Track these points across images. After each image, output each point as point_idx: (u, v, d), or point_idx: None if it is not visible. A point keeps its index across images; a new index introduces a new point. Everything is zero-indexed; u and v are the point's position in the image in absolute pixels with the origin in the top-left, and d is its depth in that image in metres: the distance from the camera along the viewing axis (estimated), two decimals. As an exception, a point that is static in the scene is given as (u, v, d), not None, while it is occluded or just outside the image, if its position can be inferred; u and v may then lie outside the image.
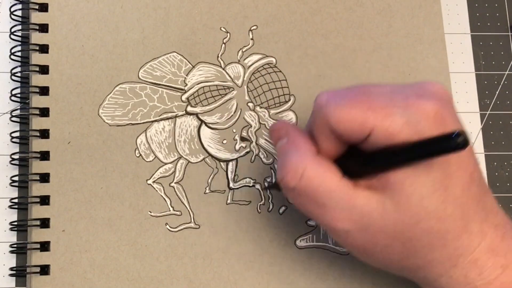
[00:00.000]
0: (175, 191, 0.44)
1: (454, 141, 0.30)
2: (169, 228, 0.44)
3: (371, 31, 0.47)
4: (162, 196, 0.44)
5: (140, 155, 0.44)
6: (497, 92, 0.48)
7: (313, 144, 0.36)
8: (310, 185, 0.35)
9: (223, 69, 0.46)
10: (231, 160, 0.45)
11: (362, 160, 0.35)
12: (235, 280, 0.43)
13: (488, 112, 0.48)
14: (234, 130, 0.45)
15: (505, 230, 0.35)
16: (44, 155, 0.44)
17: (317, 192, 0.35)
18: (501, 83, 0.49)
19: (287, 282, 0.43)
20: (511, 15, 0.50)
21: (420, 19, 0.48)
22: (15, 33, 0.46)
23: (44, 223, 0.43)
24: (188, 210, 0.44)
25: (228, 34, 0.47)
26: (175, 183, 0.44)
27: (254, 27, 0.47)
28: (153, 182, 0.44)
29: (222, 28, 0.47)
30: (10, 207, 0.44)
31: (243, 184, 0.45)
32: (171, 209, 0.44)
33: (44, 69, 0.45)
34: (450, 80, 0.47)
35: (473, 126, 0.48)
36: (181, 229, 0.44)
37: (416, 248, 0.35)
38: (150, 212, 0.44)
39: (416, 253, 0.35)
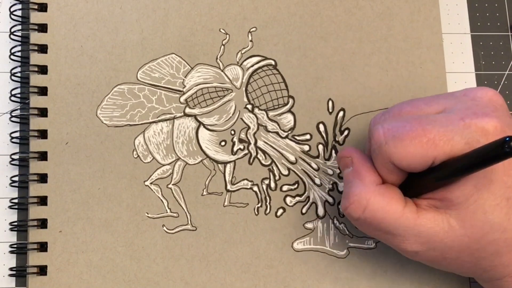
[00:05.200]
0: (172, 193, 0.44)
1: (507, 146, 0.30)
2: (166, 229, 0.44)
3: (370, 34, 0.47)
4: (159, 197, 0.44)
5: (138, 156, 0.44)
6: (497, 92, 0.48)
7: (376, 174, 0.37)
8: (375, 217, 0.36)
9: (222, 70, 0.46)
10: (229, 162, 0.45)
11: (427, 177, 0.36)
12: (231, 282, 0.43)
13: (488, 113, 0.48)
14: (233, 132, 0.45)
15: None
16: (43, 156, 0.44)
17: (382, 223, 0.36)
18: (501, 83, 0.48)
19: (284, 285, 0.43)
20: (511, 15, 0.50)
21: (419, 23, 0.47)
22: (15, 33, 0.46)
23: (43, 223, 0.43)
24: (185, 212, 0.44)
25: (227, 35, 0.47)
26: (172, 184, 0.44)
27: (254, 29, 0.47)
28: (151, 183, 0.44)
29: (221, 30, 0.47)
30: (10, 207, 0.44)
31: (241, 186, 0.45)
32: (168, 210, 0.44)
33: (43, 69, 0.45)
34: (447, 84, 0.47)
35: (473, 127, 0.48)
36: (178, 231, 0.44)
37: (484, 256, 0.36)
38: (147, 213, 0.44)
39: (483, 260, 0.36)
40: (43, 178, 0.44)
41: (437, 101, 0.37)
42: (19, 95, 0.45)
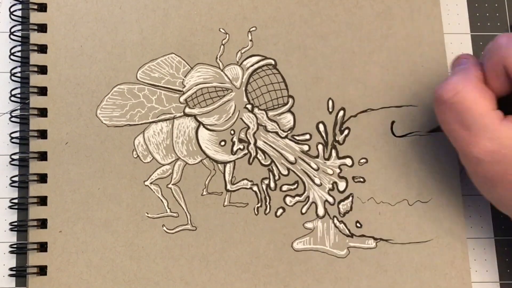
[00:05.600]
0: (172, 193, 0.44)
1: None
2: (166, 229, 0.44)
3: (370, 33, 0.47)
4: (159, 197, 0.44)
5: (138, 156, 0.44)
6: (497, 93, 0.48)
7: (482, 75, 0.37)
8: (463, 103, 0.36)
9: (222, 70, 0.46)
10: (229, 162, 0.45)
11: None
12: (231, 282, 0.43)
13: (488, 113, 0.48)
14: (232, 132, 0.45)
15: None
16: (43, 156, 0.44)
17: (467, 112, 0.36)
18: (502, 84, 0.48)
19: (283, 285, 0.43)
20: (511, 15, 0.50)
21: (420, 21, 0.47)
22: (15, 33, 0.46)
23: (43, 223, 0.43)
24: (185, 212, 0.44)
25: (227, 35, 0.47)
26: (172, 184, 0.44)
27: (253, 29, 0.47)
28: (151, 183, 0.44)
29: (221, 30, 0.47)
30: (10, 207, 0.44)
31: (241, 186, 0.44)
32: (168, 210, 0.44)
33: (42, 69, 0.45)
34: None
35: (474, 127, 0.48)
36: (178, 231, 0.44)
37: None
38: (147, 213, 0.44)
39: None
40: (43, 178, 0.44)
41: None
42: (19, 95, 0.45)
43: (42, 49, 0.45)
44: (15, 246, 0.43)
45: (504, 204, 0.38)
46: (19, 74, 0.45)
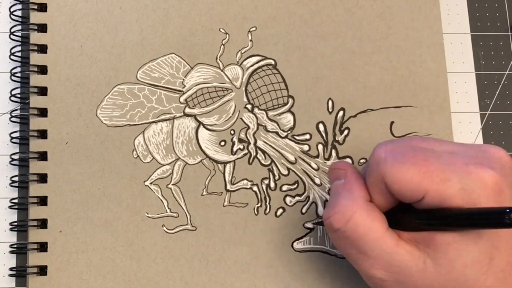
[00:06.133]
0: (172, 193, 0.44)
1: (507, 218, 0.29)
2: (166, 229, 0.44)
3: (370, 34, 0.47)
4: (159, 197, 0.44)
5: (138, 156, 0.44)
6: (497, 92, 0.48)
7: (366, 192, 0.36)
8: (356, 231, 0.35)
9: (222, 70, 0.46)
10: (229, 162, 0.45)
11: (413, 216, 0.35)
12: (231, 282, 0.43)
13: (488, 112, 0.48)
14: (232, 132, 0.45)
15: None
16: (43, 156, 0.44)
17: (361, 239, 0.35)
18: (501, 83, 0.48)
19: (283, 285, 0.43)
20: (511, 15, 0.50)
21: (419, 22, 0.47)
22: (15, 33, 0.46)
23: (43, 223, 0.43)
24: (185, 212, 0.44)
25: (227, 35, 0.47)
26: (172, 184, 0.44)
27: (253, 29, 0.47)
28: (151, 183, 0.44)
29: (221, 30, 0.47)
30: (10, 207, 0.44)
31: (241, 186, 0.44)
32: (168, 210, 0.44)
33: (42, 69, 0.45)
34: (448, 83, 0.47)
35: (473, 126, 0.48)
36: (178, 231, 0.44)
37: None
38: (147, 213, 0.44)
39: None
40: (43, 178, 0.44)
41: (449, 143, 0.36)
42: (19, 95, 0.45)
43: (42, 49, 0.45)
44: (15, 246, 0.43)
45: None
46: (19, 74, 0.45)
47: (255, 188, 0.45)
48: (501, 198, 0.32)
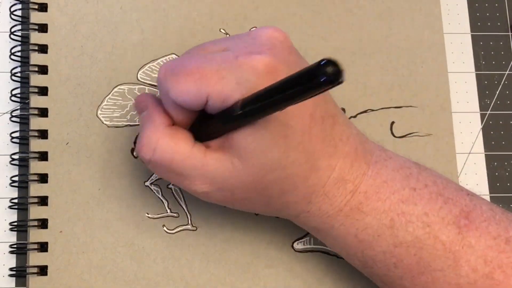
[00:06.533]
0: (172, 193, 0.44)
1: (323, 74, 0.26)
2: (166, 230, 0.44)
3: (371, 34, 0.47)
4: (159, 198, 0.44)
5: (138, 156, 0.44)
6: (497, 92, 0.48)
7: (167, 116, 0.36)
8: (164, 158, 0.36)
9: (222, 70, 0.46)
10: (229, 162, 0.45)
11: (212, 122, 0.35)
12: (231, 283, 0.43)
13: (488, 112, 0.48)
14: (233, 132, 0.45)
15: (355, 155, 0.36)
16: (43, 156, 0.44)
17: (171, 163, 0.36)
18: (501, 83, 0.49)
19: (283, 285, 0.43)
20: (511, 15, 0.50)
21: (420, 22, 0.47)
22: (15, 33, 0.46)
23: (44, 223, 0.43)
24: (186, 212, 0.44)
25: (227, 35, 0.47)
26: (172, 184, 0.44)
27: (254, 29, 0.47)
28: (151, 183, 0.44)
29: (222, 30, 0.47)
30: (10, 207, 0.44)
31: (241, 186, 0.45)
32: (168, 211, 0.44)
33: (43, 69, 0.45)
34: (449, 83, 0.47)
35: (473, 126, 0.48)
36: (178, 231, 0.44)
37: (271, 195, 0.36)
38: (148, 213, 0.44)
39: (272, 199, 0.37)
40: (43, 178, 0.44)
41: (223, 41, 0.37)
42: (19, 95, 0.45)
43: (43, 49, 0.45)
44: (15, 246, 0.43)
45: (260, 211, 0.40)
46: (19, 74, 0.45)
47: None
48: (277, 76, 0.32)
